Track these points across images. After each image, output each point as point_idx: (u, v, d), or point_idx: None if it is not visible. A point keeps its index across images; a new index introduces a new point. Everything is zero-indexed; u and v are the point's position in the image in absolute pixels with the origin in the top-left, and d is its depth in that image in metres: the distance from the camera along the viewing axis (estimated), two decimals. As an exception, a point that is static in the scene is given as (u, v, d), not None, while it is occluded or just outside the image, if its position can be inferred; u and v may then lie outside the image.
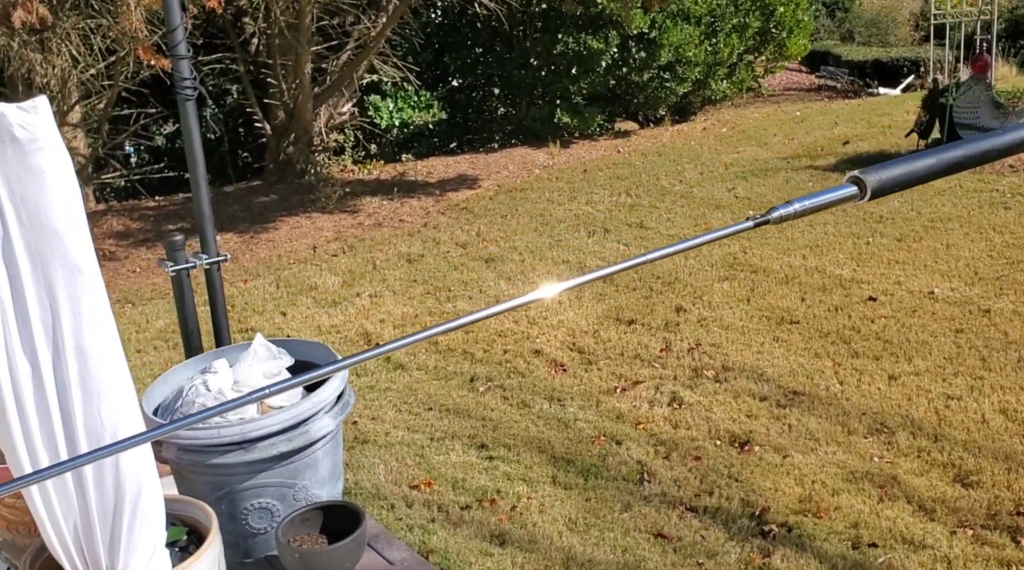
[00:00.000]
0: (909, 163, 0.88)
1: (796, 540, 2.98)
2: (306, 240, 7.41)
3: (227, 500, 2.48)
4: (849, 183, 0.86)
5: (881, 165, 0.88)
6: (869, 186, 0.84)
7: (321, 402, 2.57)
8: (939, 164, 0.89)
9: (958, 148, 0.91)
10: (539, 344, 4.85)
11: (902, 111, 10.45)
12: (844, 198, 0.85)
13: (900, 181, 0.86)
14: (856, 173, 0.85)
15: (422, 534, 2.99)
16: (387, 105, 9.51)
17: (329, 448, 2.63)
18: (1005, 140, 0.93)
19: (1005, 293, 4.89)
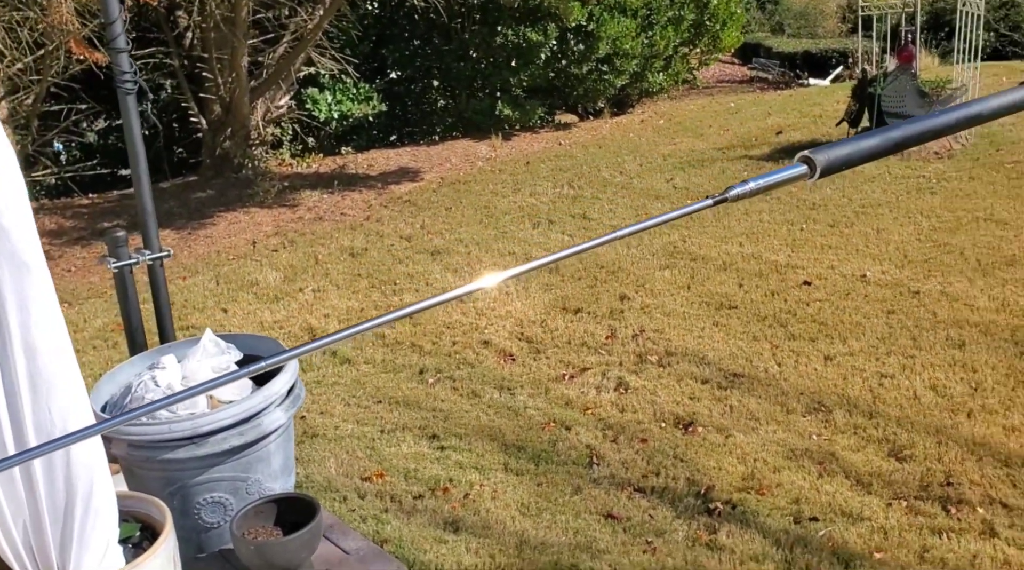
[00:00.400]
0: (855, 142, 0.93)
1: (740, 516, 3.08)
2: (245, 235, 7.31)
3: (180, 495, 2.46)
4: (800, 162, 0.91)
5: (829, 145, 0.94)
6: (819, 165, 0.90)
7: (272, 396, 2.56)
8: (883, 143, 0.95)
9: (899, 129, 0.97)
10: (487, 335, 4.89)
11: (832, 101, 10.75)
12: (796, 176, 0.90)
13: (848, 159, 0.92)
14: (806, 153, 0.91)
15: (376, 524, 3.01)
16: (325, 98, 9.42)
17: (281, 442, 2.63)
18: (940, 121, 1.00)
19: (933, 275, 5.10)
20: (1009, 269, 5.03)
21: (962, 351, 4.15)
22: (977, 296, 4.73)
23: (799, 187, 7.24)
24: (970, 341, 4.23)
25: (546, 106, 11.39)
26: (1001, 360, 4.02)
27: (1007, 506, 3.04)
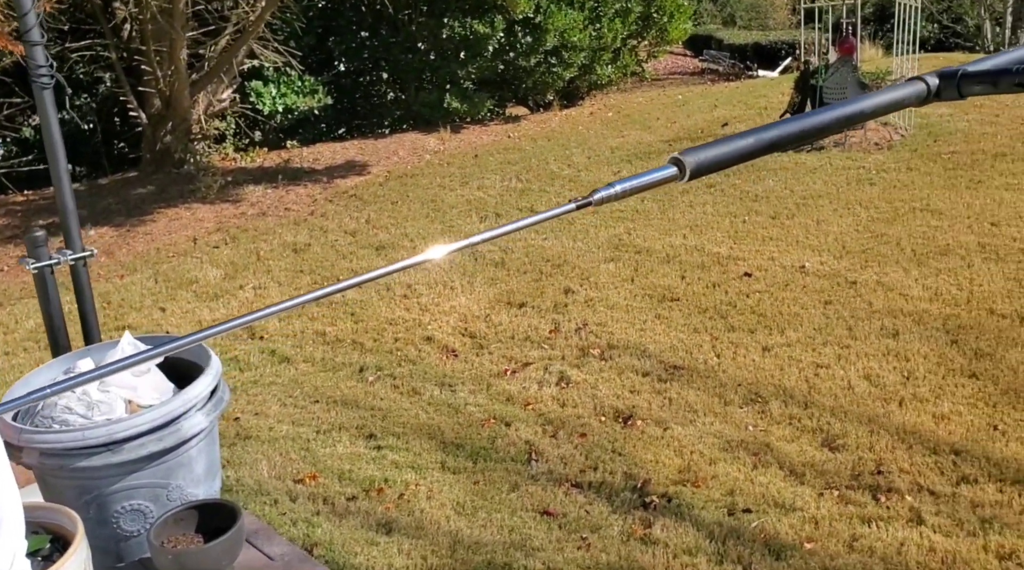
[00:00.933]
0: (728, 143, 0.92)
1: (675, 510, 3.09)
2: (186, 232, 7.16)
3: (96, 504, 2.39)
4: (670, 164, 0.89)
5: (702, 146, 0.92)
6: (688, 166, 0.88)
7: (193, 399, 2.50)
8: (757, 143, 0.93)
9: (774, 128, 0.95)
10: (430, 331, 4.85)
11: (777, 93, 10.87)
12: (665, 179, 0.88)
13: (719, 160, 0.90)
14: (677, 154, 0.89)
15: (306, 527, 2.96)
16: (269, 91, 9.26)
17: (203, 446, 2.56)
18: (818, 120, 0.99)
19: (870, 265, 5.17)
20: (943, 259, 5.13)
21: (896, 340, 4.22)
22: (912, 286, 4.81)
23: (743, 179, 7.31)
24: (904, 330, 4.30)
25: (495, 99, 11.35)
26: (933, 349, 4.10)
27: (934, 493, 3.09)
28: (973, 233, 5.48)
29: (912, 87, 1.11)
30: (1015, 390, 3.69)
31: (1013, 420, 3.48)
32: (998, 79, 1.07)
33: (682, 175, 0.89)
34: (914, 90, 1.10)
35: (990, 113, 8.58)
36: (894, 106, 1.08)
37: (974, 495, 3.05)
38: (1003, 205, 5.91)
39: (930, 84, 1.11)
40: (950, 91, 1.12)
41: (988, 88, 1.09)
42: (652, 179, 0.87)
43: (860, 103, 1.05)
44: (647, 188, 0.87)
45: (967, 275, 4.86)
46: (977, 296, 4.59)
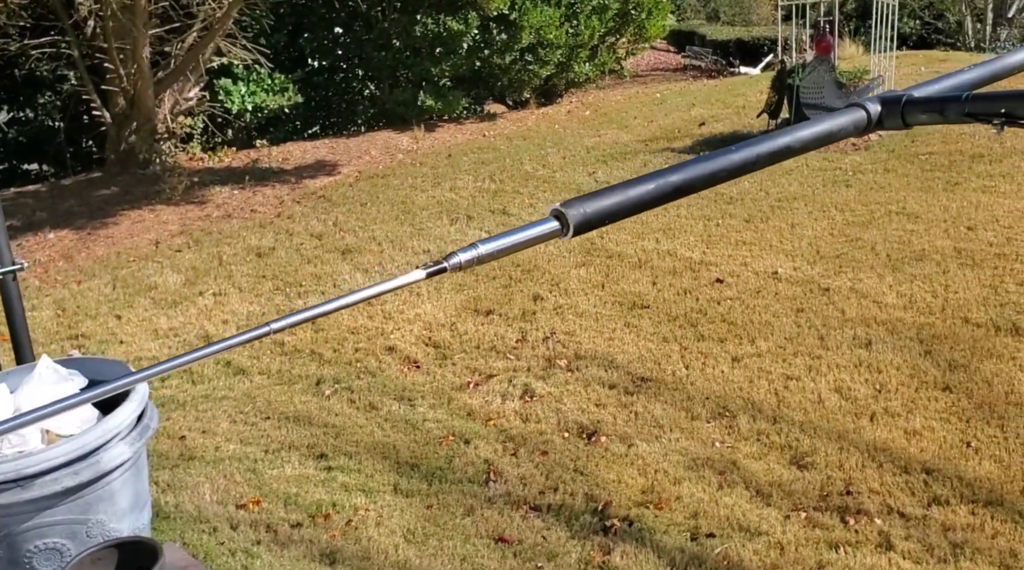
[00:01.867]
0: (623, 191, 0.77)
1: (637, 534, 2.96)
2: (148, 235, 6.97)
3: (6, 543, 2.23)
4: (551, 217, 0.74)
5: (592, 194, 0.77)
6: (571, 221, 0.73)
7: (115, 427, 2.34)
8: (658, 190, 0.79)
9: (679, 172, 0.81)
10: (393, 340, 4.69)
11: (756, 91, 10.76)
12: (543, 236, 0.74)
13: (611, 212, 0.76)
14: (559, 206, 0.74)
15: (245, 558, 2.80)
16: (239, 89, 9.05)
17: (128, 477, 2.41)
18: (733, 159, 0.85)
19: (844, 271, 5.06)
20: (918, 264, 5.02)
21: (868, 351, 4.10)
22: (886, 293, 4.70)
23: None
24: (876, 340, 4.18)
25: (471, 96, 11.18)
26: (906, 360, 3.98)
27: (904, 515, 2.98)
28: (949, 237, 5.37)
29: (849, 116, 0.97)
30: (989, 404, 3.58)
31: (986, 436, 3.36)
32: (945, 107, 0.93)
33: (564, 230, 0.74)
34: (851, 119, 0.96)
35: (968, 112, 8.49)
36: (826, 138, 0.94)
37: (945, 518, 2.94)
38: (980, 208, 5.81)
39: (871, 111, 0.97)
40: (893, 119, 0.98)
41: (935, 117, 0.95)
42: (526, 237, 0.72)
43: (786, 137, 0.90)
44: (520, 248, 0.72)
45: (942, 281, 4.76)
46: (952, 304, 4.48)
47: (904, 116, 0.97)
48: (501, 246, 0.71)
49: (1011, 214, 5.62)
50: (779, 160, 0.90)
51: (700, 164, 0.83)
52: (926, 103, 0.95)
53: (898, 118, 0.97)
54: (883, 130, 1.00)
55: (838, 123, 0.94)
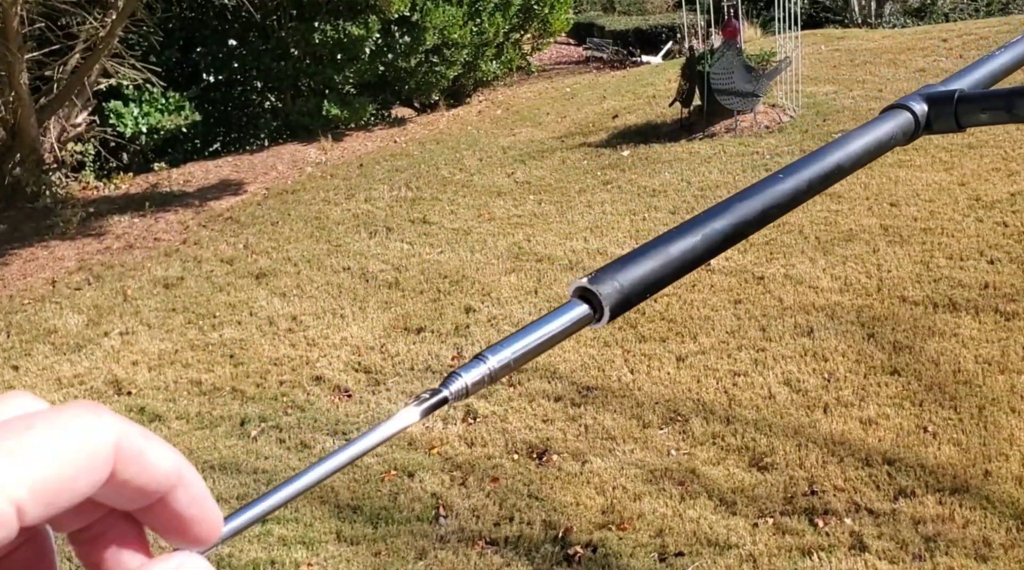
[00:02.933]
0: (663, 251, 0.57)
1: (602, 561, 2.78)
2: (43, 274, 6.47)
3: None
4: (576, 299, 0.53)
5: (624, 260, 0.56)
6: (606, 302, 0.53)
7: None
8: (704, 243, 0.59)
9: (723, 216, 0.61)
10: (320, 369, 4.42)
11: (664, 80, 10.76)
12: (571, 326, 0.53)
13: (651, 281, 0.55)
14: (586, 281, 0.53)
15: (178, 640, 2.51)
16: (131, 111, 8.54)
17: None
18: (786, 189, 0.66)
19: (776, 257, 5.00)
20: (848, 245, 5.01)
21: (811, 339, 4.03)
22: (820, 277, 4.65)
23: (639, 173, 7.10)
24: (818, 327, 4.12)
25: (378, 102, 10.87)
26: (850, 345, 3.92)
27: (873, 512, 2.88)
28: (874, 215, 5.39)
29: (894, 122, 0.78)
30: (939, 385, 3.53)
31: (942, 419, 3.31)
32: (1014, 103, 0.76)
33: (598, 316, 0.53)
34: (897, 125, 0.78)
35: (873, 88, 8.65)
36: (876, 152, 0.75)
37: (914, 510, 2.85)
38: (899, 183, 5.86)
39: (917, 114, 0.79)
40: (945, 121, 0.80)
41: (1000, 116, 0.78)
42: (550, 332, 0.51)
43: (835, 155, 0.71)
44: (546, 348, 0.51)
45: (874, 261, 4.74)
46: (887, 283, 4.46)
47: (958, 117, 0.79)
48: (519, 352, 0.49)
49: (930, 187, 5.68)
50: (831, 183, 0.71)
51: (747, 202, 0.64)
52: (986, 100, 0.77)
53: (951, 119, 0.79)
54: (933, 134, 0.82)
55: (885, 132, 0.76)
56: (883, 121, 0.79)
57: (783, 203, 0.66)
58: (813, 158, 0.70)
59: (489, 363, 0.48)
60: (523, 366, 0.49)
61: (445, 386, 0.48)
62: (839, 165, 0.71)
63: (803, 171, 0.68)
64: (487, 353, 0.49)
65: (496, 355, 0.49)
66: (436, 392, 0.48)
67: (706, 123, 8.02)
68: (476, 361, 0.49)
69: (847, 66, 9.84)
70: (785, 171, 0.68)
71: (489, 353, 0.49)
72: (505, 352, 0.49)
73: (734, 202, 0.63)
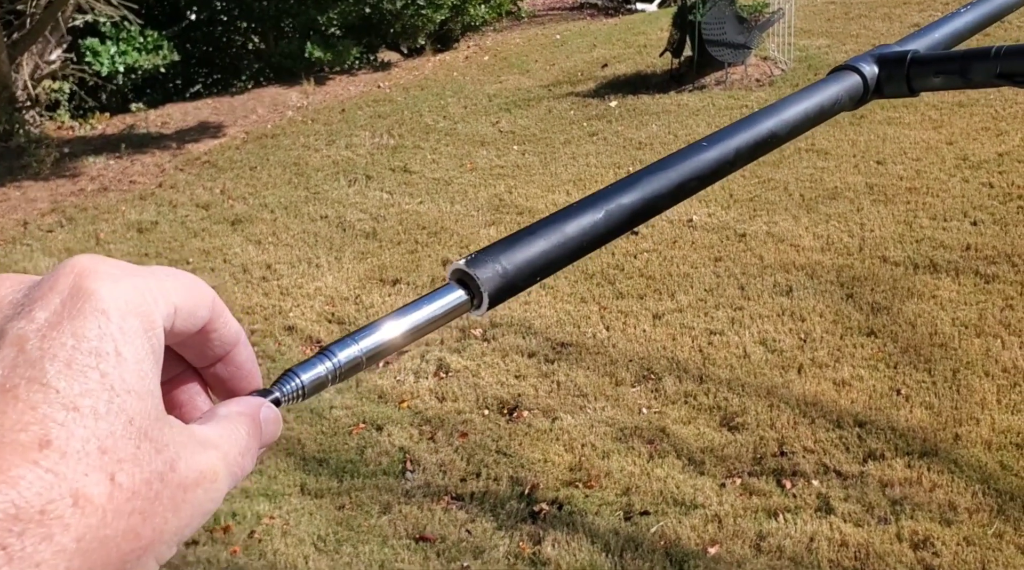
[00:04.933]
0: (556, 229, 0.50)
1: (567, 518, 2.76)
2: (15, 215, 6.34)
3: None
4: (452, 283, 0.46)
5: (510, 239, 0.49)
6: (485, 288, 0.46)
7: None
8: (607, 221, 0.53)
9: (633, 189, 0.54)
10: (293, 319, 4.35)
11: (656, 29, 10.54)
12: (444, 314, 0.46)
13: (540, 265, 0.49)
14: (462, 264, 0.46)
15: (133, 592, 2.48)
16: (107, 49, 8.30)
17: None
18: (709, 159, 0.59)
19: (759, 214, 4.94)
20: (832, 203, 4.94)
21: (790, 298, 3.99)
22: (802, 235, 4.59)
23: (626, 126, 6.98)
24: (797, 286, 4.07)
25: (363, 45, 10.62)
26: (828, 306, 3.88)
27: (841, 474, 2.87)
28: (860, 173, 5.31)
29: (840, 85, 0.71)
30: (914, 347, 3.50)
31: (915, 382, 3.29)
32: (968, 67, 0.69)
33: (475, 302, 0.46)
34: (843, 89, 0.71)
35: (866, 42, 8.49)
36: (818, 117, 0.68)
37: (882, 473, 2.84)
38: (887, 141, 5.77)
39: (867, 76, 0.72)
40: (896, 85, 0.73)
41: (954, 81, 0.70)
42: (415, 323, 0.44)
43: (769, 121, 0.64)
44: (407, 341, 0.44)
45: (857, 220, 4.68)
46: (869, 243, 4.41)
47: (910, 80, 0.71)
48: (373, 346, 0.42)
49: (918, 146, 5.60)
50: (764, 152, 0.64)
51: (662, 174, 0.56)
52: (940, 63, 0.70)
53: (902, 83, 0.72)
54: (883, 98, 0.75)
55: (829, 96, 0.68)
56: (828, 84, 0.71)
57: (705, 174, 0.58)
58: (744, 124, 0.62)
59: (335, 359, 0.41)
60: (382, 360, 0.42)
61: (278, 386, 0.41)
62: (773, 133, 0.64)
63: (731, 139, 0.61)
64: (334, 348, 0.42)
65: (344, 350, 0.42)
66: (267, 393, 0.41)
67: (696, 75, 7.87)
68: (320, 357, 0.41)
69: (842, 19, 9.65)
70: (710, 139, 0.60)
71: (337, 348, 0.42)
72: (356, 346, 0.42)
73: (646, 174, 0.56)
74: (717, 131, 0.66)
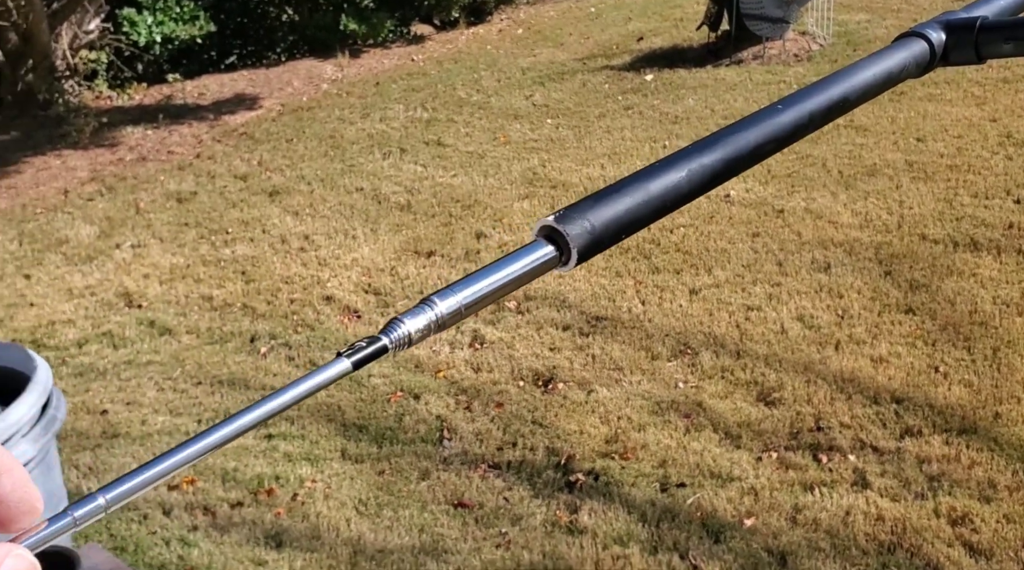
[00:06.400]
0: (641, 187, 0.52)
1: (603, 489, 2.80)
2: (56, 183, 6.44)
3: None
4: (540, 239, 0.48)
5: (597, 196, 0.51)
6: (573, 244, 0.47)
7: (15, 424, 2.04)
8: (690, 180, 0.54)
9: (713, 150, 0.56)
10: (330, 289, 4.40)
11: (693, 3, 10.40)
12: (532, 270, 0.48)
13: (627, 222, 0.50)
14: (551, 220, 0.48)
15: (181, 548, 2.55)
16: (144, 19, 8.36)
17: (36, 477, 2.11)
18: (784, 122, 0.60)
19: (797, 190, 4.90)
20: (871, 180, 4.88)
21: (827, 275, 3.97)
22: (841, 211, 4.56)
23: (661, 99, 6.93)
24: (835, 263, 4.05)
25: (396, 18, 10.59)
26: (866, 282, 3.86)
27: (877, 450, 2.87)
28: (900, 150, 5.24)
29: (907, 51, 0.71)
30: (954, 325, 3.48)
31: (954, 360, 3.27)
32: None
33: (564, 258, 0.48)
34: (910, 55, 0.71)
35: (908, 17, 8.33)
36: (886, 83, 0.69)
37: (919, 449, 2.84)
38: (927, 118, 5.68)
39: (934, 43, 0.72)
40: (964, 51, 0.73)
41: None
42: (506, 276, 0.46)
43: (840, 86, 0.65)
44: (499, 295, 0.46)
45: (896, 197, 4.63)
46: (908, 220, 4.36)
47: (979, 47, 0.71)
48: (470, 297, 0.44)
49: (959, 123, 5.51)
50: (836, 116, 0.65)
51: (741, 135, 0.58)
52: (1011, 29, 0.70)
53: (970, 50, 0.72)
54: (950, 65, 0.75)
55: (897, 62, 0.69)
56: (895, 50, 0.71)
57: (781, 137, 0.60)
58: (816, 89, 0.63)
59: (437, 309, 0.43)
60: (479, 311, 0.44)
61: (385, 333, 0.43)
62: (844, 97, 0.65)
63: (804, 102, 0.62)
64: (435, 297, 0.44)
65: (445, 300, 0.44)
66: (375, 340, 0.43)
67: (733, 49, 7.78)
68: (422, 306, 0.44)
69: (883, -7, 9.46)
70: (784, 102, 0.61)
71: (437, 298, 0.44)
72: (455, 297, 0.44)
73: (725, 135, 0.57)
74: (790, 95, 0.67)
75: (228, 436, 0.37)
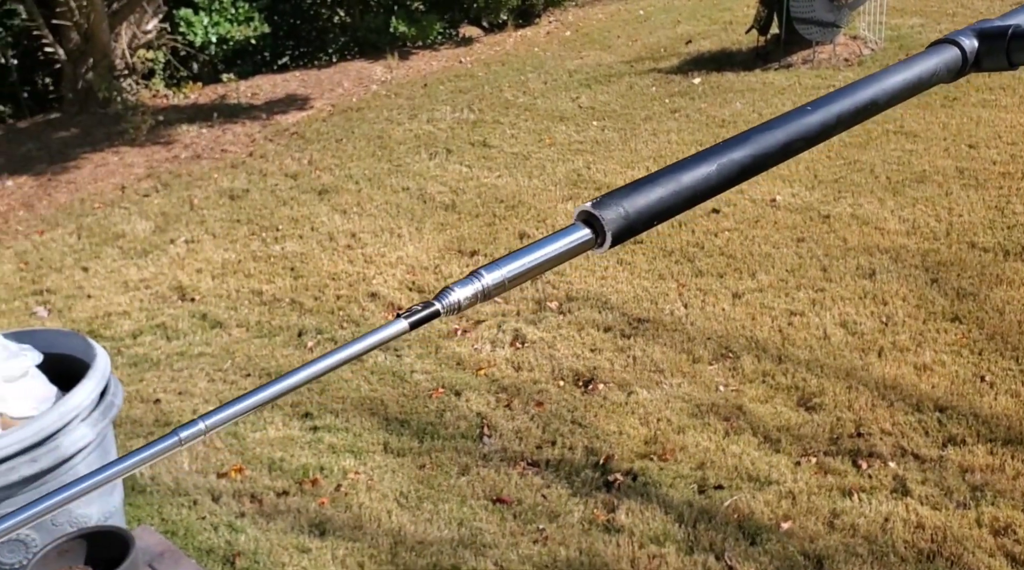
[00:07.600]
0: (673, 178, 0.56)
1: (641, 489, 2.82)
2: (113, 179, 6.64)
3: (-37, 541, 2.04)
4: (578, 223, 0.53)
5: (632, 186, 0.56)
6: (608, 228, 0.52)
7: (75, 408, 2.14)
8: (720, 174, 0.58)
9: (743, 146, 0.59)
10: (376, 286, 4.48)
11: (743, 5, 10.34)
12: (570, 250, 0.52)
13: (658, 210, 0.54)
14: (590, 206, 0.52)
15: (229, 533, 2.64)
16: (200, 20, 8.58)
17: (93, 459, 2.22)
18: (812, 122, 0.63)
19: (843, 196, 4.86)
20: (919, 187, 4.82)
21: (872, 281, 3.93)
22: (888, 218, 4.51)
23: (709, 103, 6.91)
24: (880, 269, 4.01)
25: (445, 20, 10.70)
26: (912, 290, 3.82)
27: (919, 457, 2.85)
28: (950, 157, 5.17)
29: (939, 56, 0.74)
30: (1001, 334, 3.43)
31: (1001, 369, 3.23)
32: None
33: (599, 240, 0.53)
34: (942, 60, 0.74)
35: (963, 21, 8.17)
36: (916, 87, 0.72)
37: (962, 459, 2.81)
38: (980, 124, 5.59)
39: (966, 49, 0.74)
40: (995, 58, 0.76)
41: None
42: (546, 255, 0.51)
43: (870, 89, 0.68)
44: (540, 271, 0.51)
45: (945, 204, 4.57)
46: (957, 228, 4.30)
47: (1010, 54, 0.74)
48: (514, 271, 0.49)
49: (1014, 130, 5.41)
50: (863, 119, 0.68)
51: (770, 133, 0.61)
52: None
53: (1002, 56, 0.75)
54: (981, 71, 0.78)
55: (927, 67, 0.72)
56: (927, 56, 0.74)
57: (809, 136, 0.63)
58: (846, 91, 0.67)
59: (484, 280, 0.49)
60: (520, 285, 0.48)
61: (438, 300, 0.49)
62: (874, 101, 0.68)
63: (834, 105, 0.65)
64: (482, 270, 0.49)
65: (491, 273, 0.49)
66: (428, 305, 0.48)
67: (783, 53, 7.72)
68: (471, 278, 0.49)
69: (938, -3, 9.30)
70: (815, 104, 0.65)
71: (484, 271, 0.49)
72: (500, 271, 0.49)
73: (756, 133, 0.61)
74: (820, 97, 0.70)
75: (303, 380, 0.42)
